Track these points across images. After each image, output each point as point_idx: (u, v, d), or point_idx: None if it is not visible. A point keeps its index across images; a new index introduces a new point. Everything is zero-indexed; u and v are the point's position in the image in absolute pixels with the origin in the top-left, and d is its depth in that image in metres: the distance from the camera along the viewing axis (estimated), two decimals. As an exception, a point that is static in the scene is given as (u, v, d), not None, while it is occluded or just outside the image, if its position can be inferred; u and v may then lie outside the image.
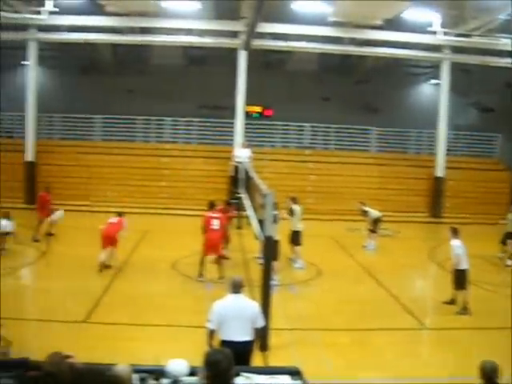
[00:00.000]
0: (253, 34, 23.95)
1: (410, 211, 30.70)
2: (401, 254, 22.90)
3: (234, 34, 29.95)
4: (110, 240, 17.91)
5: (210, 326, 8.96)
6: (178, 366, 6.86)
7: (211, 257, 17.63)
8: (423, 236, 27.92)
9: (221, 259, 17.46)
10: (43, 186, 24.61)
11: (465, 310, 15.04)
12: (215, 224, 17.28)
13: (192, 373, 6.79)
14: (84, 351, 7.77)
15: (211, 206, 18.09)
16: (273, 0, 20.66)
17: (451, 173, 32.31)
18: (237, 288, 9.18)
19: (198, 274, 17.07)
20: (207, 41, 29.87)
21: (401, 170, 32.26)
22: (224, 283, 16.69)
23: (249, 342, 8.88)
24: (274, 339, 11.68)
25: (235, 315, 8.88)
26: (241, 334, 8.81)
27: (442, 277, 19.16)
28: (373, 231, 22.96)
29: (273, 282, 12.87)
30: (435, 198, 31.95)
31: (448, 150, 33.33)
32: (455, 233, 15.52)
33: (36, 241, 21.72)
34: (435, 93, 35.87)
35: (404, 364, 11.53)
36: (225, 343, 8.66)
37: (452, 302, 15.46)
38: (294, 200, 20.17)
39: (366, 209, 23.10)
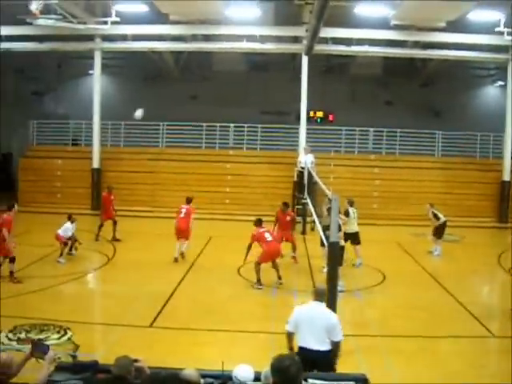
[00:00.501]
0: (315, 38, 23.85)
1: (476, 216, 30.18)
2: (467, 260, 22.51)
3: (295, 40, 29.95)
4: (182, 233, 20.00)
5: (288, 328, 9.04)
6: (244, 371, 6.85)
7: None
8: (489, 241, 27.38)
9: (276, 262, 17.53)
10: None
11: None
12: (267, 236, 17.48)
13: (257, 378, 6.77)
14: (151, 355, 7.85)
15: (259, 222, 17.97)
16: (334, 4, 20.56)
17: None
18: (319, 296, 9.25)
19: (257, 282, 17.10)
20: (269, 47, 29.93)
21: (467, 174, 31.73)
22: (287, 289, 16.77)
23: (323, 352, 8.73)
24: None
25: (310, 322, 8.86)
26: (315, 342, 8.74)
27: (509, 283, 18.82)
28: (438, 236, 22.67)
29: (338, 288, 12.81)
30: (502, 202, 31.37)
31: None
32: None
33: (97, 240, 22.67)
34: (502, 95, 35.24)
35: (471, 373, 11.27)
36: (300, 349, 8.73)
37: None
38: (351, 203, 20.53)
39: (436, 211, 22.82)
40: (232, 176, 30.96)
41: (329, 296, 11.68)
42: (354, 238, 19.62)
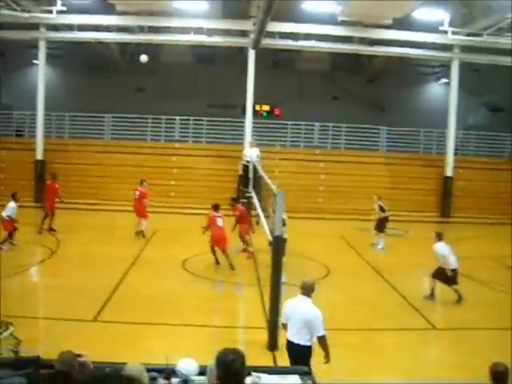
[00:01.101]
0: (262, 33, 23.90)
1: (420, 211, 30.64)
2: (410, 254, 22.82)
3: (243, 33, 29.92)
4: (136, 212, 22.68)
5: (282, 320, 9.51)
6: (187, 365, 6.84)
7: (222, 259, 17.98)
8: (432, 235, 27.78)
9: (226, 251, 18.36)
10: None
11: (431, 296, 16.16)
12: (219, 221, 18.45)
13: (202, 372, 6.77)
14: (94, 350, 7.78)
15: (216, 207, 18.94)
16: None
17: (461, 172, 32.26)
18: (306, 290, 9.32)
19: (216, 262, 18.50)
20: (217, 40, 29.84)
21: (411, 169, 32.16)
22: (232, 282, 16.81)
23: (301, 347, 8.96)
24: (283, 338, 11.67)
25: (295, 317, 9.10)
26: (295, 336, 9.01)
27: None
28: (380, 230, 23.01)
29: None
30: (445, 197, 31.90)
31: (458, 149, 33.34)
32: (439, 236, 16.41)
33: (40, 233, 22.26)
34: (445, 92, 35.81)
35: (414, 364, 11.52)
36: (287, 341, 9.16)
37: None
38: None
39: (382, 204, 23.21)
40: (177, 169, 30.80)
41: (273, 289, 11.79)
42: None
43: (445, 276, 15.91)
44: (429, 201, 31.64)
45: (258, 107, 35.27)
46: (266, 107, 37.86)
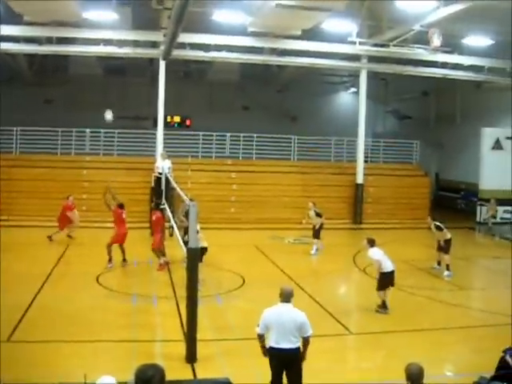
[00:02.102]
0: (173, 44, 23.81)
1: (332, 218, 30.90)
2: (324, 260, 23.15)
3: (153, 44, 29.73)
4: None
5: (259, 330, 9.44)
6: (107, 382, 6.73)
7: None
8: (345, 242, 28.17)
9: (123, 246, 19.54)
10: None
11: (384, 309, 15.82)
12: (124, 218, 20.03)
13: (120, 388, 6.68)
14: (9, 371, 7.59)
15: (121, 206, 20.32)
16: (192, 10, 20.57)
17: (372, 179, 32.90)
18: (286, 297, 9.58)
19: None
20: (126, 51, 29.52)
21: (323, 177, 32.59)
22: (147, 296, 16.64)
23: (294, 350, 9.21)
24: (201, 350, 11.64)
25: (281, 323, 9.22)
26: (286, 341, 9.16)
27: (365, 282, 19.53)
28: (317, 236, 23.71)
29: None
30: (356, 204, 32.45)
31: (368, 157, 33.99)
32: (371, 242, 16.27)
33: None
34: (354, 101, 36.52)
35: (334, 370, 11.66)
36: (272, 349, 9.24)
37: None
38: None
39: (318, 210, 23.68)
40: (89, 182, 30.22)
41: (189, 301, 11.74)
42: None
43: (383, 281, 15.99)
44: (341, 208, 32.10)
45: (169, 118, 35.10)
46: (178, 118, 37.72)
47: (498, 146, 34.02)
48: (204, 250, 17.41)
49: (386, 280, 15.92)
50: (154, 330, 14.43)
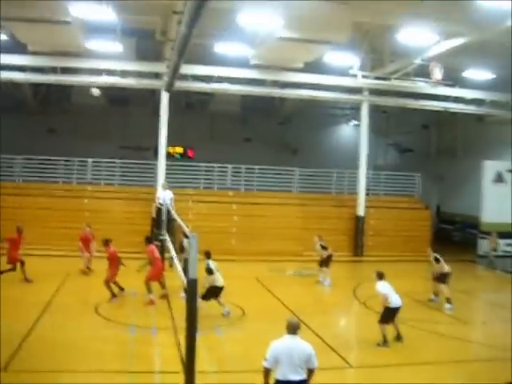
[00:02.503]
0: (175, 75, 23.93)
1: (332, 250, 30.93)
2: (325, 293, 23.05)
3: (156, 75, 29.90)
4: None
5: (266, 364, 9.37)
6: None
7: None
8: (346, 275, 28.06)
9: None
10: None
11: (385, 342, 15.79)
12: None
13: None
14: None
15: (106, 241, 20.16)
16: (195, 42, 20.70)
17: (373, 212, 32.91)
18: (293, 329, 9.64)
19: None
20: (129, 82, 29.69)
21: (323, 209, 32.59)
22: (146, 327, 16.56)
23: (303, 381, 9.28)
24: (200, 382, 11.54)
25: (290, 356, 9.25)
26: (294, 373, 9.19)
27: (365, 315, 19.44)
28: (326, 265, 23.88)
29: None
30: (357, 236, 32.41)
31: (369, 189, 34.01)
32: (380, 276, 16.34)
33: None
34: (356, 133, 36.63)
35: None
36: (280, 382, 9.26)
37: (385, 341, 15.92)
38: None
39: (323, 243, 23.86)
40: (90, 212, 30.17)
41: (188, 332, 11.65)
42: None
43: (388, 315, 16.03)
44: (341, 240, 32.02)
45: (170, 149, 35.28)
46: (179, 149, 37.93)
47: (499, 178, 34.06)
48: (218, 289, 17.92)
49: (390, 315, 15.96)
50: (153, 360, 14.34)
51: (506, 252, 33.33)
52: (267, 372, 9.35)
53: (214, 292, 17.92)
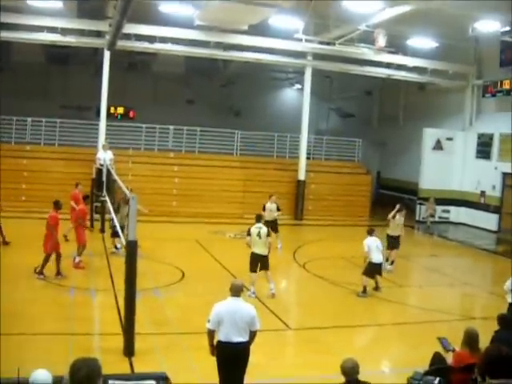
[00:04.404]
0: (118, 34, 23.55)
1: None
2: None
3: (98, 34, 29.38)
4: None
5: (210, 326, 9.38)
6: (41, 376, 6.60)
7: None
8: (286, 237, 28.22)
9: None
10: None
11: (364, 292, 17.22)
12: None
13: (56, 382, 6.58)
14: None
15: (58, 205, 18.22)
16: (139, 0, 20.37)
17: (314, 176, 33.11)
18: (236, 292, 9.55)
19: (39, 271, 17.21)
20: (70, 40, 29.07)
21: (265, 173, 32.64)
22: (85, 288, 16.46)
23: (245, 343, 9.33)
24: (139, 344, 11.57)
25: (233, 317, 9.25)
26: (238, 335, 9.23)
27: (305, 278, 19.69)
28: (276, 231, 23.40)
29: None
30: (298, 201, 32.62)
31: (311, 153, 34.19)
32: (370, 232, 17.69)
33: None
34: (298, 98, 36.68)
35: (271, 365, 11.73)
36: (222, 343, 9.28)
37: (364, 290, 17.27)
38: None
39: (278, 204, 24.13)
40: (28, 172, 29.66)
41: (127, 294, 11.64)
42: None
43: (370, 269, 17.28)
44: (282, 204, 31.83)
45: (112, 110, 34.85)
46: (121, 110, 37.47)
47: (438, 146, 34.58)
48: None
49: (372, 269, 17.23)
50: (92, 323, 14.30)
51: (443, 218, 34.05)
52: (211, 333, 9.37)
53: None
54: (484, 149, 33.41)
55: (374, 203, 37.12)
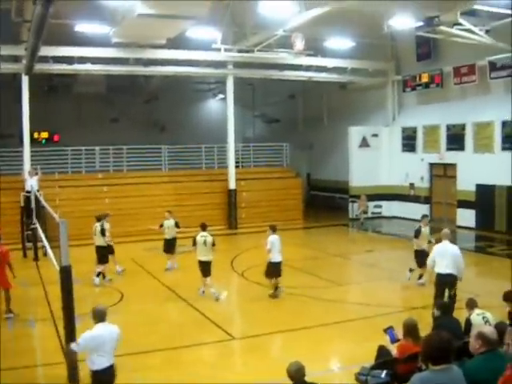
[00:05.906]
0: (34, 57, 23.18)
1: (209, 225, 31.01)
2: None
3: (15, 59, 28.85)
4: None
5: (78, 349, 9.87)
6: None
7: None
8: (222, 248, 28.15)
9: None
10: None
11: (276, 291, 17.69)
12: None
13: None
14: None
15: None
16: (54, 22, 20.07)
17: (244, 184, 33.19)
18: (104, 316, 9.83)
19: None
20: (-14, 66, 28.51)
21: (195, 185, 32.53)
22: (24, 320, 16.10)
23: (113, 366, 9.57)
24: (85, 371, 11.37)
25: (108, 341, 9.51)
26: (112, 357, 9.54)
27: (245, 285, 19.72)
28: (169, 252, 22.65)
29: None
30: (230, 209, 32.64)
31: (239, 162, 34.30)
32: (272, 228, 17.99)
33: None
34: (223, 107, 36.73)
35: (218, 377, 11.68)
36: (103, 370, 9.42)
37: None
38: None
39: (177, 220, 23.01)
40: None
41: (67, 321, 11.45)
42: None
43: (270, 269, 17.62)
44: (215, 214, 32.10)
45: (36, 135, 34.31)
46: (45, 134, 36.96)
47: (364, 143, 35.07)
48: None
49: (272, 269, 17.54)
50: (34, 354, 14.00)
51: (376, 213, 34.52)
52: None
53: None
54: (409, 142, 34.10)
55: (307, 205, 37.42)
